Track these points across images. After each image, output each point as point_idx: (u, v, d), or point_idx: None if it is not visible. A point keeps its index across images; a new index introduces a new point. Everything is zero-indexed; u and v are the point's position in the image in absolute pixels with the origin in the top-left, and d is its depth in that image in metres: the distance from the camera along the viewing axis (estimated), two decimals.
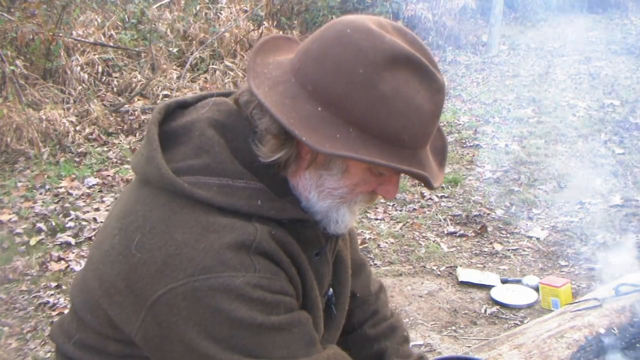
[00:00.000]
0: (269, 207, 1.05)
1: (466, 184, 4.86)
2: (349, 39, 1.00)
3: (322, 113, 0.99)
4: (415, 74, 1.01)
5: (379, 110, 0.99)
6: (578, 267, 3.66)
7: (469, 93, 7.24)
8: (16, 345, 3.10)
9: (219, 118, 1.10)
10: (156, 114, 1.12)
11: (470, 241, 4.03)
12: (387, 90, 0.98)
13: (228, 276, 0.98)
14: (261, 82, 1.03)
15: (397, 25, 1.07)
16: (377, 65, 0.98)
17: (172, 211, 1.03)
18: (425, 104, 1.01)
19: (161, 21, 6.97)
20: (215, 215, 1.02)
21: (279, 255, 1.05)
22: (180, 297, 0.98)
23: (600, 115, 6.33)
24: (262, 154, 1.05)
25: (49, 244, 3.98)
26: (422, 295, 3.44)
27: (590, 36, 10.09)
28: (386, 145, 1.00)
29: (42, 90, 5.80)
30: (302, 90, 1.01)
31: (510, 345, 1.69)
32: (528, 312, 3.25)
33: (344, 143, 0.98)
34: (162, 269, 0.99)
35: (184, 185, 1.02)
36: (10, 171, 5.03)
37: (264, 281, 1.01)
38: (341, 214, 1.12)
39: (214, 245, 0.99)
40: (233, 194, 1.03)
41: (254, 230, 1.02)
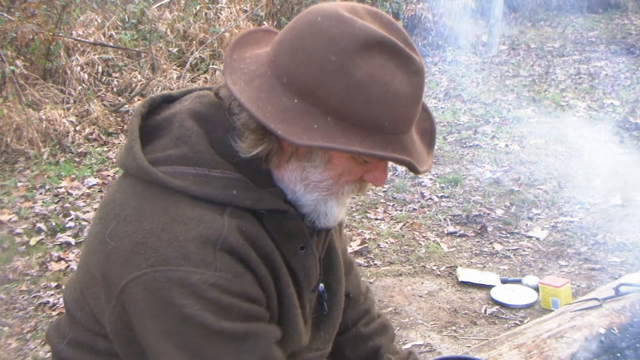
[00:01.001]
0: (245, 197, 1.04)
1: (466, 184, 4.86)
2: (319, 27, 0.98)
3: (298, 104, 0.98)
4: (390, 57, 0.98)
5: (355, 98, 0.97)
6: (578, 267, 3.66)
7: (469, 93, 7.24)
8: (16, 345, 3.10)
9: (199, 109, 1.09)
10: (140, 108, 1.13)
11: (470, 241, 4.03)
12: (361, 76, 0.96)
13: (186, 271, 0.96)
14: (238, 78, 1.02)
15: (372, 10, 1.04)
16: (349, 51, 0.96)
17: (146, 199, 1.02)
18: (403, 87, 0.99)
19: (161, 21, 6.97)
20: (187, 205, 1.01)
21: (246, 252, 1.02)
22: (140, 287, 0.97)
23: (600, 115, 6.33)
24: (241, 150, 1.04)
25: (49, 244, 3.98)
26: (422, 295, 3.44)
27: (590, 36, 10.09)
28: (366, 133, 0.98)
29: (42, 90, 5.80)
30: (278, 83, 1.00)
31: (510, 345, 1.69)
32: (528, 312, 3.25)
33: (322, 133, 0.96)
34: (129, 257, 0.99)
35: (159, 174, 1.02)
36: (10, 171, 5.03)
37: (222, 281, 0.98)
38: (329, 206, 1.10)
39: (178, 237, 0.98)
40: (209, 183, 1.02)
41: (221, 225, 1.00)
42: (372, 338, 1.49)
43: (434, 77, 8.09)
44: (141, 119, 1.11)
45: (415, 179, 4.96)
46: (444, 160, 5.36)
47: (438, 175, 5.04)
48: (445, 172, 5.09)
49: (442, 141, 5.79)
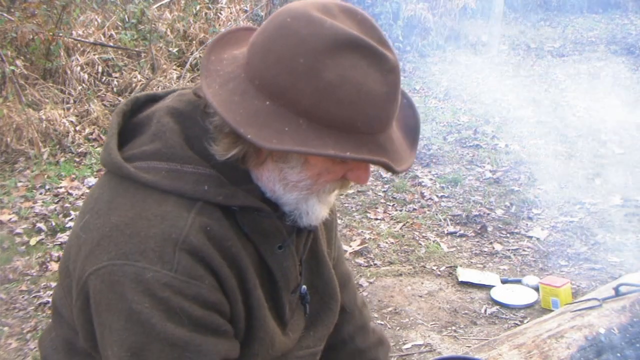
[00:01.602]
0: (217, 193, 1.03)
1: (466, 184, 4.86)
2: (288, 29, 0.97)
3: (270, 107, 0.96)
4: (362, 57, 0.96)
5: (327, 99, 0.95)
6: (578, 267, 3.66)
7: (469, 93, 7.24)
8: (16, 345, 3.10)
9: (178, 106, 1.09)
10: (122, 106, 1.14)
11: (470, 241, 4.03)
12: (331, 77, 0.94)
13: (142, 267, 0.96)
14: (213, 81, 1.01)
15: (347, 7, 1.02)
16: (318, 52, 0.95)
17: (117, 194, 1.03)
18: (377, 86, 0.97)
19: (161, 21, 6.97)
20: (154, 201, 1.01)
21: (208, 253, 1.00)
22: (99, 280, 0.98)
23: (600, 115, 6.33)
24: (216, 153, 1.03)
25: (49, 244, 3.98)
26: (422, 295, 3.44)
27: (590, 36, 10.09)
28: (340, 134, 0.96)
29: (42, 90, 5.80)
30: (251, 86, 0.98)
31: (510, 345, 1.69)
32: (528, 312, 3.25)
33: (293, 136, 0.95)
34: (94, 249, 0.99)
35: (130, 169, 1.02)
36: (10, 171, 5.03)
37: (176, 282, 0.97)
38: (311, 204, 1.09)
39: (140, 232, 0.98)
40: (180, 178, 1.02)
41: (184, 223, 0.99)
42: (369, 352, 1.49)
43: (434, 77, 8.09)
44: (123, 117, 1.12)
45: (416, 178, 4.96)
46: (444, 160, 5.36)
47: (438, 175, 5.04)
48: (445, 172, 5.09)
49: (442, 141, 5.80)
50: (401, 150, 1.05)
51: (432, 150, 5.54)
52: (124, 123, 1.12)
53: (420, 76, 8.11)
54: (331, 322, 1.34)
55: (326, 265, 1.31)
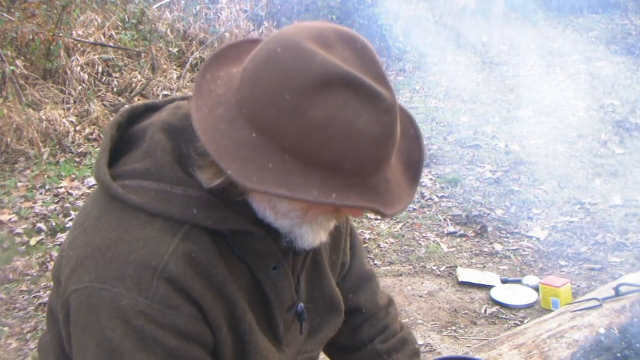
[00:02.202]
0: (206, 217, 0.99)
1: (466, 184, 4.86)
2: (276, 61, 0.91)
3: (256, 140, 0.91)
4: (354, 95, 0.89)
5: (313, 139, 0.89)
6: (578, 267, 3.66)
7: (469, 93, 7.24)
8: (16, 345, 3.10)
9: (172, 121, 1.05)
10: (118, 117, 1.09)
11: (470, 241, 4.03)
12: (319, 116, 0.88)
13: (118, 293, 0.94)
14: (204, 103, 0.96)
15: (346, 34, 0.94)
16: (305, 90, 0.88)
17: (105, 212, 1.01)
18: (369, 127, 0.90)
19: (161, 21, 6.97)
20: (139, 224, 0.97)
21: (188, 283, 0.97)
22: (78, 299, 0.97)
23: (600, 115, 6.33)
24: (202, 181, 0.99)
25: (49, 244, 3.98)
26: (422, 295, 3.45)
27: (590, 36, 10.10)
28: (327, 174, 0.90)
29: (42, 90, 5.80)
30: (239, 114, 0.93)
31: (510, 345, 1.69)
32: (528, 312, 3.25)
33: (276, 174, 0.89)
34: (77, 268, 0.98)
35: (117, 189, 0.99)
36: (10, 171, 5.03)
37: (151, 311, 0.94)
38: (303, 232, 1.04)
39: (119, 256, 0.95)
40: (169, 200, 0.98)
41: (166, 250, 0.96)
42: (389, 354, 1.43)
43: (434, 77, 8.09)
44: (117, 128, 1.07)
45: None
46: (444, 160, 5.36)
47: (438, 175, 5.04)
48: (445, 172, 5.09)
49: (442, 141, 5.80)
50: (396, 190, 0.98)
51: (432, 150, 5.54)
52: (120, 134, 1.08)
53: (420, 76, 8.11)
54: (332, 330, 1.32)
55: (326, 277, 1.28)
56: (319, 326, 1.28)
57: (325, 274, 1.28)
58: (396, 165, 1.00)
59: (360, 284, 1.42)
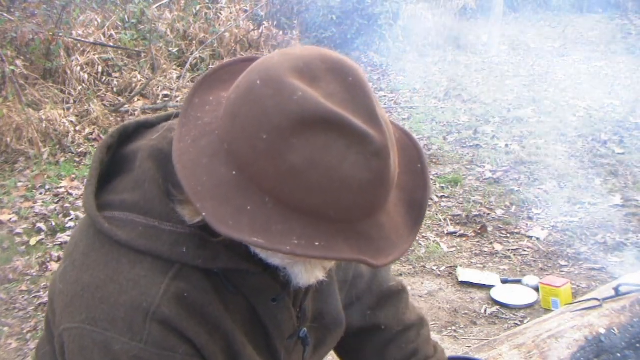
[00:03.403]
0: (196, 256, 0.93)
1: (466, 184, 4.86)
2: (255, 95, 0.83)
3: (236, 178, 0.84)
4: (339, 136, 0.80)
5: (291, 184, 0.81)
6: (578, 267, 3.66)
7: (469, 93, 7.24)
8: (16, 345, 3.10)
9: (163, 147, 0.97)
10: (108, 138, 1.03)
11: (470, 241, 4.03)
12: (297, 161, 0.80)
13: (110, 337, 0.90)
14: (187, 132, 0.89)
15: (336, 65, 0.86)
16: (282, 131, 0.80)
17: (92, 248, 0.96)
18: (356, 172, 0.81)
19: (161, 21, 6.97)
20: (128, 262, 0.93)
21: (182, 324, 0.93)
22: (71, 339, 0.94)
23: (600, 115, 6.33)
24: (184, 217, 0.93)
25: (49, 244, 3.98)
26: (422, 295, 3.44)
27: (590, 36, 10.10)
28: (311, 220, 0.83)
29: (42, 90, 5.80)
30: (221, 148, 0.86)
31: (510, 345, 1.69)
32: (528, 312, 3.25)
33: (253, 218, 0.82)
34: (68, 306, 0.95)
35: (104, 225, 0.94)
36: (10, 171, 5.03)
37: (146, 354, 0.91)
38: (297, 271, 0.97)
39: (110, 298, 0.91)
40: (157, 237, 0.93)
41: (157, 291, 0.91)
42: None
43: (434, 77, 8.09)
44: (107, 151, 1.02)
45: None
46: (444, 160, 5.36)
47: (438, 175, 5.04)
48: (445, 172, 5.09)
49: (442, 141, 5.80)
50: (392, 235, 0.89)
51: (432, 150, 5.54)
52: (112, 153, 1.03)
53: (420, 76, 8.11)
54: (334, 343, 1.27)
55: (333, 295, 1.24)
56: (322, 340, 1.24)
57: (332, 291, 1.23)
58: (396, 206, 0.91)
59: (381, 301, 1.35)
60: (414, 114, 6.56)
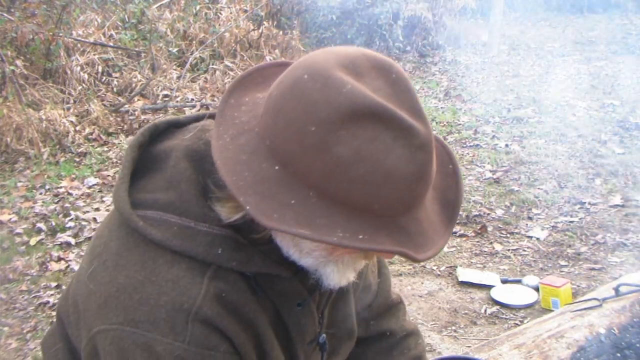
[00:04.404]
0: (231, 258, 0.94)
1: (466, 184, 4.86)
2: (302, 89, 0.84)
3: (279, 173, 0.85)
4: (385, 129, 0.82)
5: (339, 177, 0.82)
6: (578, 267, 3.66)
7: (469, 93, 7.24)
8: (16, 345, 3.10)
9: (197, 147, 0.99)
10: (139, 136, 1.03)
11: (470, 241, 4.03)
12: (345, 152, 0.82)
13: (152, 338, 0.90)
14: (225, 131, 0.91)
15: (380, 62, 0.88)
16: (331, 123, 0.81)
17: (126, 247, 0.96)
18: (401, 165, 0.83)
19: (161, 21, 6.97)
20: (165, 263, 0.93)
21: (223, 322, 0.94)
22: (108, 341, 0.93)
23: (600, 115, 6.34)
24: (221, 215, 0.94)
25: (49, 244, 3.98)
26: (422, 295, 3.44)
27: (590, 36, 10.10)
28: (354, 214, 0.84)
29: (42, 90, 5.80)
30: (262, 145, 0.87)
31: (510, 345, 1.69)
32: (528, 312, 3.25)
33: (299, 212, 0.83)
34: (102, 307, 0.94)
35: (139, 223, 0.94)
36: (10, 171, 5.03)
37: (190, 354, 0.91)
38: (329, 271, 0.98)
39: (149, 299, 0.91)
40: (193, 238, 0.93)
41: (197, 292, 0.92)
42: None
43: (434, 77, 8.09)
44: (139, 149, 1.02)
45: None
46: None
47: None
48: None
49: None
50: (430, 231, 0.91)
51: None
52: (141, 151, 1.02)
53: (420, 76, 8.11)
54: (344, 352, 1.29)
55: (349, 302, 1.25)
56: (337, 349, 1.25)
57: (349, 299, 1.24)
58: (431, 204, 0.94)
59: (385, 311, 1.39)
60: None
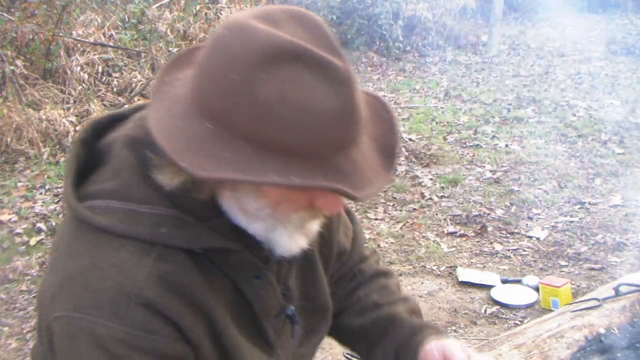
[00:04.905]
0: (176, 236, 0.95)
1: (466, 184, 4.86)
2: (223, 43, 0.87)
3: (212, 131, 0.87)
4: (305, 68, 0.84)
5: (265, 120, 0.84)
6: (578, 267, 3.66)
7: (469, 93, 7.24)
8: (16, 345, 3.10)
9: (137, 134, 1.00)
10: (82, 133, 1.05)
11: (470, 241, 4.03)
12: (268, 95, 0.83)
13: (96, 322, 0.92)
14: (161, 105, 0.93)
15: (295, 12, 0.90)
16: (250, 66, 0.83)
17: (75, 237, 0.98)
18: (326, 101, 0.85)
19: (161, 21, 6.97)
20: (111, 248, 0.95)
21: (166, 305, 0.94)
22: (59, 328, 0.95)
23: (600, 115, 6.34)
24: (163, 183, 0.95)
25: (49, 244, 3.98)
26: (422, 295, 3.45)
27: (590, 36, 10.10)
28: (288, 158, 0.85)
29: (42, 90, 5.80)
30: (193, 108, 0.90)
31: (510, 345, 1.69)
32: (528, 312, 3.25)
33: (232, 162, 0.85)
34: (55, 295, 0.97)
35: (84, 212, 0.96)
36: (10, 171, 5.03)
37: (131, 338, 0.92)
38: (278, 235, 1.00)
39: (94, 284, 0.93)
40: (137, 220, 0.95)
41: (141, 274, 0.93)
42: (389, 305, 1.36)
43: (434, 77, 8.09)
44: (83, 146, 1.03)
45: (416, 178, 4.96)
46: (444, 160, 5.36)
47: (438, 175, 5.04)
48: (445, 172, 5.09)
49: (442, 141, 5.80)
50: (368, 173, 0.92)
51: (432, 150, 5.54)
52: (88, 149, 1.04)
53: (420, 76, 8.11)
54: (324, 330, 1.29)
55: (319, 275, 1.26)
56: (315, 326, 1.26)
57: (317, 269, 1.24)
58: (370, 151, 0.95)
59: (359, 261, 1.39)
60: (414, 114, 6.56)
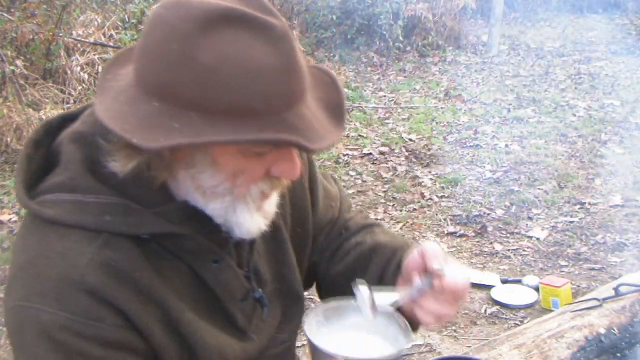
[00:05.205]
0: (121, 223, 0.97)
1: (466, 184, 4.86)
2: (160, 19, 0.90)
3: (159, 108, 0.89)
4: (242, 29, 0.87)
5: (210, 85, 0.86)
6: (578, 267, 3.66)
7: (469, 93, 7.24)
8: None
9: (83, 130, 1.03)
10: (33, 134, 1.07)
11: (470, 241, 4.03)
12: (209, 59, 0.86)
13: (40, 309, 0.93)
14: (106, 97, 0.96)
15: None
16: (189, 35, 0.86)
17: (27, 231, 1.01)
18: (267, 59, 0.87)
19: None
20: (57, 237, 0.97)
21: (111, 292, 0.95)
22: (11, 319, 0.98)
23: (600, 115, 6.34)
24: (117, 169, 0.96)
25: None
26: None
27: (590, 36, 10.09)
28: (238, 120, 0.87)
29: (42, 90, 5.80)
30: (139, 91, 0.92)
31: (510, 345, 1.69)
32: (528, 312, 3.25)
33: (182, 131, 0.87)
34: (9, 287, 1.00)
35: (32, 205, 0.99)
36: (10, 171, 5.03)
37: (74, 324, 0.93)
38: (239, 213, 1.00)
39: (41, 273, 0.95)
40: (82, 210, 0.97)
41: (84, 261, 0.95)
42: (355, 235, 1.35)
43: (434, 77, 8.09)
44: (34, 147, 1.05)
45: (416, 178, 4.96)
46: (444, 160, 5.36)
47: (438, 175, 5.04)
48: (445, 172, 5.09)
49: (442, 141, 5.80)
50: (320, 129, 0.94)
51: (432, 150, 5.54)
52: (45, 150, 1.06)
53: (420, 76, 8.11)
54: (301, 311, 1.27)
55: (289, 257, 1.24)
56: (291, 307, 1.24)
57: (286, 250, 1.23)
58: (317, 110, 0.97)
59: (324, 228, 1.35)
60: (414, 114, 6.56)
